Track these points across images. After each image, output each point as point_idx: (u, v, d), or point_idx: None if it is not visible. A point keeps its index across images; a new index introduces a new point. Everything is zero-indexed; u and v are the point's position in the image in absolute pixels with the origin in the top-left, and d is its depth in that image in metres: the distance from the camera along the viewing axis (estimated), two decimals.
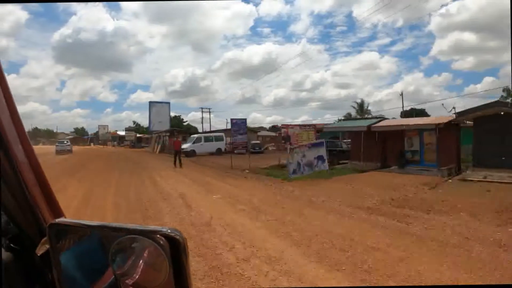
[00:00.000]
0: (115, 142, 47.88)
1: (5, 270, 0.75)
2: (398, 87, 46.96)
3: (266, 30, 57.06)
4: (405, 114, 29.13)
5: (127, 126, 49.36)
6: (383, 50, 46.73)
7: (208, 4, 59.06)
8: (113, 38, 58.82)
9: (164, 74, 60.90)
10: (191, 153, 23.69)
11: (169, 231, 0.63)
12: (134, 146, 41.80)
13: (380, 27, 45.30)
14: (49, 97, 62.70)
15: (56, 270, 0.74)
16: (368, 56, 49.09)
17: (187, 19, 60.94)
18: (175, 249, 0.63)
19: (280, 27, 55.89)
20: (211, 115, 36.56)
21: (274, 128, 35.31)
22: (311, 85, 56.65)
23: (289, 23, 55.39)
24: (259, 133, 34.43)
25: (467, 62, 40.34)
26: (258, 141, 29.86)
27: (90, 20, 55.91)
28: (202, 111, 37.39)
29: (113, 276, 0.69)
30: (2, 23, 55.07)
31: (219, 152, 25.28)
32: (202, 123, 36.80)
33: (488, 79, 35.47)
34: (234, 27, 63.25)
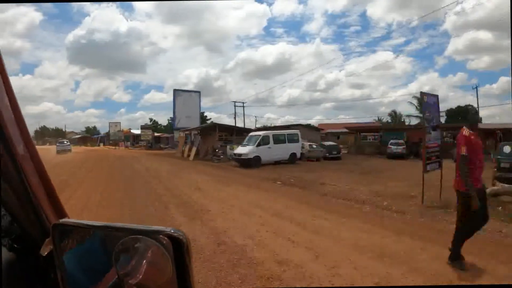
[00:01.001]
0: (128, 142, 43.35)
1: (8, 270, 0.74)
2: (413, 87, 43.04)
3: (280, 30, 52.89)
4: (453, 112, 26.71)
5: (142, 124, 42.32)
6: (397, 50, 43.77)
7: (221, 4, 56.16)
8: (126, 39, 58.14)
9: (178, 74, 61.26)
10: (254, 162, 15.72)
11: (172, 231, 0.64)
12: (151, 147, 37.04)
13: (395, 26, 42.99)
14: (63, 97, 63.65)
15: (59, 270, 0.74)
16: (383, 55, 46.59)
17: (200, 19, 60.25)
18: (179, 249, 0.63)
19: (294, 27, 53.67)
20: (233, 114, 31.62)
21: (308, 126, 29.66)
22: (325, 85, 53.38)
23: (303, 23, 52.63)
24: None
25: (482, 62, 32.59)
26: (333, 143, 23.63)
27: (104, 21, 56.28)
28: (235, 105, 31.86)
29: (117, 276, 0.69)
30: (17, 24, 52.92)
31: (292, 159, 17.64)
32: (235, 118, 30.83)
33: (503, 79, 30.75)
34: (248, 27, 59.78)
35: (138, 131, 43.08)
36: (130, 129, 45.74)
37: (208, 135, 22.15)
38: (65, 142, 30.93)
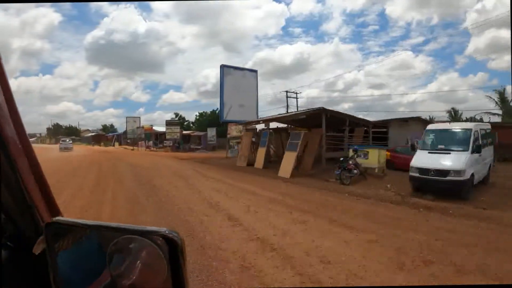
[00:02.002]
0: (150, 142, 35.30)
1: (1, 268, 0.76)
2: (433, 87, 40.68)
3: (298, 30, 56.11)
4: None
5: (168, 119, 36.64)
6: (416, 49, 44.13)
7: (239, 4, 55.61)
8: (145, 39, 58.16)
9: (196, 74, 63.22)
10: (468, 187, 8.23)
11: (167, 231, 0.64)
12: (179, 148, 30.73)
13: (414, 25, 42.40)
14: (82, 97, 64.93)
15: (52, 269, 0.74)
16: (402, 55, 46.35)
17: (218, 19, 60.50)
18: (173, 250, 0.64)
19: (312, 26, 53.58)
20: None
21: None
22: (343, 85, 51.43)
23: (321, 22, 54.58)
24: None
25: (504, 61, 31.69)
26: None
27: (122, 21, 56.43)
28: (287, 95, 25.92)
29: (110, 277, 0.70)
30: (37, 25, 60.96)
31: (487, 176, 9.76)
32: (287, 108, 25.57)
33: None
34: (266, 27, 60.31)
35: (161, 129, 38.21)
36: (152, 125, 40.77)
37: (283, 134, 15.87)
38: (67, 140, 32.57)
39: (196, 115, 37.12)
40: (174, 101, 60.02)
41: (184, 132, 33.94)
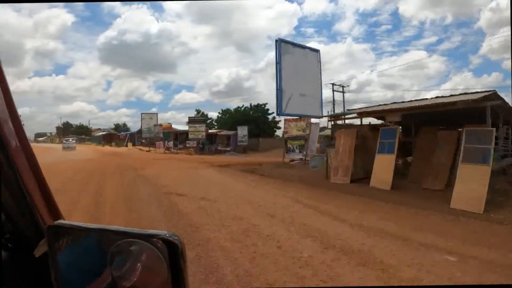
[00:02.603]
0: (170, 142, 31.65)
1: (1, 270, 0.75)
2: (447, 87, 28.56)
3: (311, 30, 52.36)
4: None
5: (191, 116, 33.16)
6: (430, 49, 42.68)
7: (251, 3, 52.28)
8: (157, 39, 56.36)
9: (208, 74, 60.97)
10: None
11: (167, 235, 0.64)
12: (203, 150, 28.08)
13: (428, 24, 38.56)
14: (95, 97, 62.83)
15: (53, 272, 0.75)
16: (415, 55, 45.84)
17: (230, 19, 57.88)
18: (173, 253, 0.64)
19: (325, 26, 51.98)
20: None
21: None
22: (356, 85, 46.22)
23: (334, 22, 52.61)
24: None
25: None
26: None
27: (135, 22, 52.95)
28: (334, 89, 24.16)
29: (111, 279, 0.71)
30: (50, 26, 58.07)
31: None
32: (333, 104, 23.85)
33: None
34: (278, 27, 56.35)
35: (181, 127, 35.67)
36: (171, 124, 37.01)
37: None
38: (70, 140, 33.10)
39: (218, 113, 35.10)
40: (186, 101, 57.92)
41: (209, 131, 30.93)
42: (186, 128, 31.34)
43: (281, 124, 21.88)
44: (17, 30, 54.41)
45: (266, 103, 32.69)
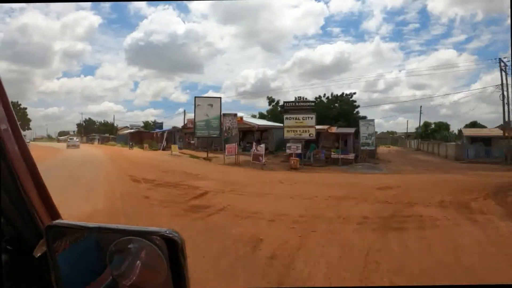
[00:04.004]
0: (261, 146, 20.48)
1: (2, 271, 0.78)
2: (476, 87, 31.68)
3: (338, 29, 59.81)
4: None
5: (287, 101, 24.45)
6: (459, 48, 52.95)
7: (277, 3, 58.58)
8: (184, 40, 62.98)
9: (235, 75, 66.21)
10: None
11: (167, 232, 0.66)
12: (307, 159, 21.27)
13: (458, 22, 51.67)
14: (123, 97, 70.44)
15: (53, 272, 0.75)
16: (444, 54, 50.79)
17: (256, 19, 63.84)
18: (173, 250, 0.65)
19: (352, 25, 61.84)
20: None
21: None
22: (384, 85, 53.85)
23: (361, 21, 57.06)
24: None
25: None
26: None
27: (161, 23, 61.33)
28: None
29: (111, 277, 0.71)
30: (77, 28, 67.57)
31: None
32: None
33: None
34: (305, 26, 64.26)
35: (257, 121, 27.25)
36: (241, 117, 27.17)
37: None
38: (75, 139, 41.41)
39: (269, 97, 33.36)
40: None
41: (319, 126, 24.43)
42: (257, 122, 24.73)
43: None
44: (46, 32, 60.10)
45: (354, 92, 31.92)
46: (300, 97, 25.60)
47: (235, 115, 24.53)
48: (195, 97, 25.63)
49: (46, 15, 65.01)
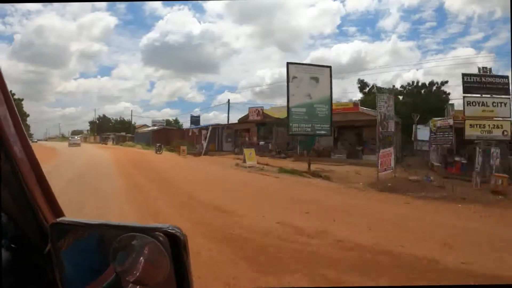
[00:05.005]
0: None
1: (5, 270, 0.76)
2: None
3: (355, 28, 64.75)
4: None
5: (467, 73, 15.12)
6: (477, 46, 51.08)
7: (293, 2, 56.09)
8: (199, 40, 64.81)
9: (251, 75, 66.48)
10: None
11: (170, 228, 0.65)
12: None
13: (476, 20, 47.76)
14: (139, 97, 75.79)
15: (57, 269, 0.75)
16: (462, 52, 46.50)
17: (272, 18, 63.12)
18: (176, 246, 0.64)
19: (369, 24, 62.37)
20: None
21: None
22: (401, 84, 46.60)
23: (378, 19, 63.66)
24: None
25: None
26: None
27: (176, 23, 63.39)
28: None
29: (114, 274, 0.71)
30: (93, 29, 69.17)
31: None
32: None
33: None
34: (321, 26, 63.48)
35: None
36: (355, 102, 23.80)
37: None
38: (76, 137, 47.33)
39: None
40: (230, 102, 53.06)
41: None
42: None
43: None
44: (62, 33, 59.22)
45: (446, 81, 30.38)
46: (485, 67, 15.46)
47: (392, 90, 16.75)
48: (287, 63, 16.18)
49: (62, 17, 73.71)
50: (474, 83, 13.58)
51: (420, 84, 34.10)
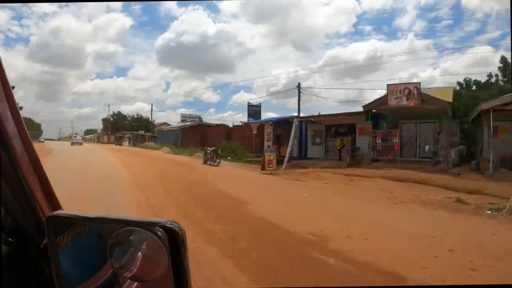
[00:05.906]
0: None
1: (2, 264, 0.77)
2: None
3: (371, 26, 65.01)
4: None
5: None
6: (495, 44, 46.90)
7: (309, 1, 54.37)
8: (214, 40, 65.88)
9: (266, 75, 47.18)
10: None
11: (168, 223, 0.66)
12: None
13: (493, 18, 46.77)
14: (155, 97, 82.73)
15: (54, 263, 0.75)
16: (480, 50, 46.52)
17: (287, 18, 60.90)
18: (174, 241, 0.65)
19: (385, 22, 62.06)
20: None
21: None
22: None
23: (394, 18, 61.79)
24: None
25: None
26: None
27: (191, 23, 63.15)
28: None
29: (112, 269, 0.73)
30: (109, 30, 67.40)
31: None
32: None
33: None
34: (336, 24, 62.39)
35: None
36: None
37: None
38: (78, 137, 51.67)
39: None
40: (244, 102, 58.37)
41: None
42: None
43: None
44: (78, 34, 58.37)
45: None
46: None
47: None
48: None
49: (77, 18, 71.59)
50: None
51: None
